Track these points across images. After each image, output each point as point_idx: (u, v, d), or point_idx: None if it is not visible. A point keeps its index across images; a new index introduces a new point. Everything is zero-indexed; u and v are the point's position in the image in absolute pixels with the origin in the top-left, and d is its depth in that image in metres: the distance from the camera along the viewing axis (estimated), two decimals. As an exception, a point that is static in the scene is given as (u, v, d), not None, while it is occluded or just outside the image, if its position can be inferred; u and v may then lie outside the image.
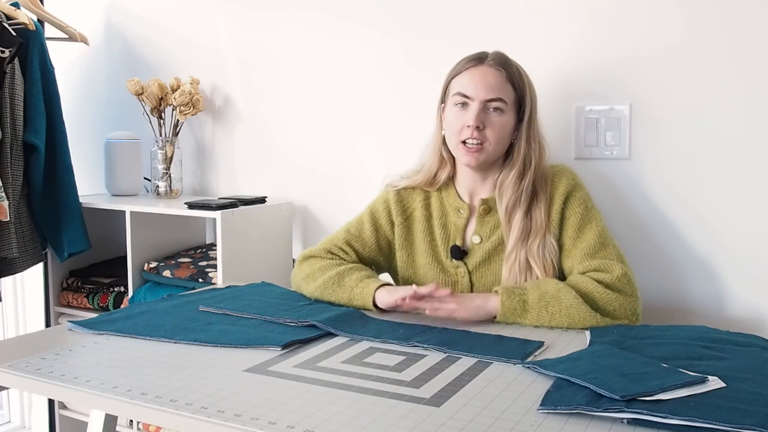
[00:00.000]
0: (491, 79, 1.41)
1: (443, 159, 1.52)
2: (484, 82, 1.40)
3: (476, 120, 1.40)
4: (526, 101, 1.44)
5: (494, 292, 1.33)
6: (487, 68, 1.42)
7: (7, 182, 1.91)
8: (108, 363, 1.08)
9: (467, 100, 1.42)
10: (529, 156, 1.44)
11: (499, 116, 1.41)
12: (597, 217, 1.44)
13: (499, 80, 1.41)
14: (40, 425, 2.47)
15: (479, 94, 1.40)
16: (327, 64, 2.02)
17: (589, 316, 1.27)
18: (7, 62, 1.90)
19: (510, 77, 1.42)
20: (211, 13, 2.21)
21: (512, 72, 1.43)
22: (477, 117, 1.40)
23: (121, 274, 2.11)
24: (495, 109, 1.41)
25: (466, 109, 1.42)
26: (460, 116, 1.43)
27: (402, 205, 1.55)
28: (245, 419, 0.86)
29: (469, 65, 1.44)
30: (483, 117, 1.40)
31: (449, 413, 0.89)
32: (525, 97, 1.44)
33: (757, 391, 0.91)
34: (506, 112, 1.42)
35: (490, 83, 1.40)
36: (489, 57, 1.44)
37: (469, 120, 1.40)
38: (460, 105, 1.43)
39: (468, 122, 1.40)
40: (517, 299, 1.30)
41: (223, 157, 2.25)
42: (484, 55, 1.44)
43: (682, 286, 1.62)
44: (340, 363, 1.09)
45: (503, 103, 1.41)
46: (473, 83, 1.41)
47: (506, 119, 1.42)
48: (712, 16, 1.53)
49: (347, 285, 1.40)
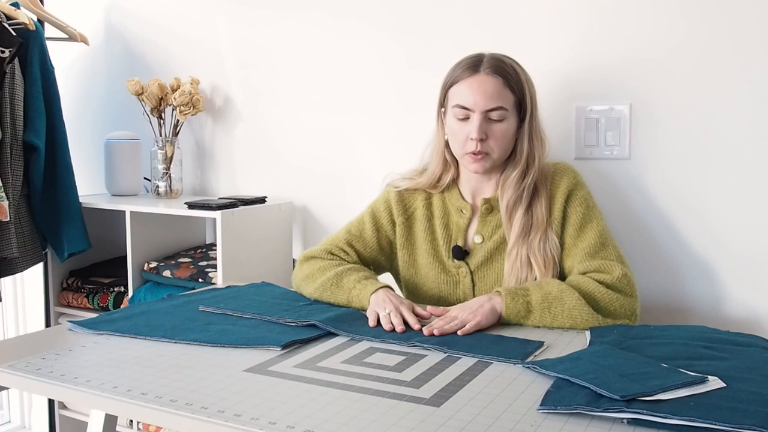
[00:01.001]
0: (489, 88, 1.39)
1: (447, 162, 1.51)
2: (482, 93, 1.39)
3: (479, 132, 1.39)
4: (526, 101, 1.43)
5: (496, 293, 1.33)
6: (484, 77, 1.40)
7: (7, 182, 1.91)
8: (108, 363, 1.08)
9: (467, 112, 1.40)
10: (532, 154, 1.44)
11: (500, 124, 1.40)
12: (598, 216, 1.44)
13: (497, 88, 1.39)
14: (40, 425, 2.47)
15: (479, 106, 1.39)
16: (327, 63, 2.02)
17: (591, 317, 1.27)
18: (7, 62, 1.90)
19: (508, 83, 1.40)
20: (211, 13, 2.21)
21: (509, 76, 1.41)
22: (479, 129, 1.39)
23: (121, 274, 2.11)
24: (497, 116, 1.40)
25: (467, 122, 1.41)
26: (462, 128, 1.42)
27: (403, 204, 1.55)
28: (245, 419, 0.86)
29: (465, 74, 1.41)
30: (485, 127, 1.40)
31: (449, 413, 0.89)
32: (525, 98, 1.42)
33: (757, 391, 0.90)
34: (507, 118, 1.41)
35: (489, 93, 1.39)
36: (484, 64, 1.41)
37: (472, 133, 1.39)
38: (461, 117, 1.42)
39: (471, 135, 1.40)
40: (521, 301, 1.29)
41: (223, 157, 2.25)
42: (479, 61, 1.42)
43: (682, 286, 1.62)
44: (340, 363, 1.09)
45: (504, 111, 1.40)
46: (472, 94, 1.39)
47: (508, 124, 1.41)
48: (714, 16, 1.53)
49: (346, 286, 1.40)
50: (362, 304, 1.37)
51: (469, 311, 1.28)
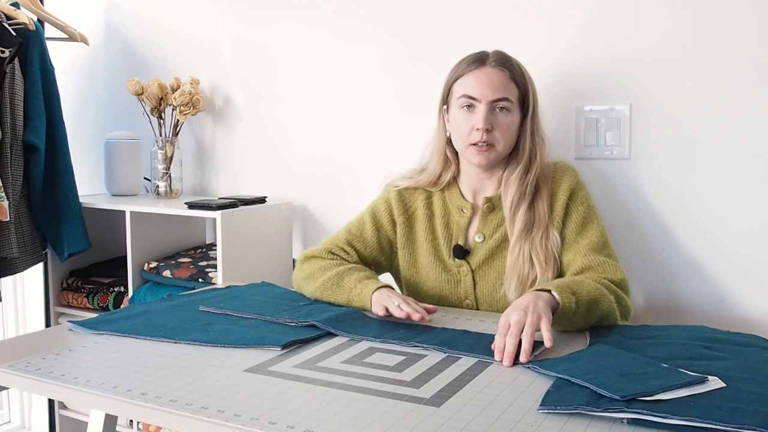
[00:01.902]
0: (496, 80, 1.41)
1: (447, 160, 1.52)
2: (489, 84, 1.41)
3: (485, 122, 1.40)
4: (529, 98, 1.45)
5: (541, 291, 1.20)
6: (491, 69, 1.43)
7: (7, 182, 1.91)
8: (108, 363, 1.08)
9: (474, 102, 1.42)
10: (534, 151, 1.45)
11: (506, 116, 1.42)
12: (598, 216, 1.45)
13: (503, 80, 1.42)
14: (40, 425, 2.47)
15: (486, 96, 1.41)
16: (327, 63, 2.02)
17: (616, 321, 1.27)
18: (7, 62, 1.91)
19: (513, 76, 1.43)
20: (211, 13, 2.21)
21: (515, 71, 1.44)
22: (486, 119, 1.40)
23: (121, 274, 2.11)
24: (502, 108, 1.41)
25: (473, 112, 1.42)
26: (467, 119, 1.43)
27: (404, 204, 1.55)
28: (245, 419, 0.86)
29: (471, 67, 1.44)
30: (491, 118, 1.41)
31: (449, 413, 0.89)
32: (528, 94, 1.45)
33: (757, 391, 0.90)
34: (512, 111, 1.43)
35: (495, 84, 1.41)
36: (491, 57, 1.44)
37: (478, 123, 1.40)
38: (466, 107, 1.43)
39: (477, 125, 1.41)
40: (569, 291, 1.20)
41: (223, 157, 2.25)
42: (485, 56, 1.45)
43: (681, 286, 1.62)
44: (340, 363, 1.09)
45: (509, 103, 1.42)
46: (478, 85, 1.42)
47: (512, 118, 1.43)
48: (715, 16, 1.53)
49: (346, 286, 1.40)
50: (363, 304, 1.37)
51: (536, 311, 1.12)
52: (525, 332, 1.09)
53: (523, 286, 1.40)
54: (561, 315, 1.18)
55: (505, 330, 1.11)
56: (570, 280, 1.29)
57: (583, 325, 1.23)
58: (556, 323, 1.16)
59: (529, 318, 1.11)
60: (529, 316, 1.11)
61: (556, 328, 1.18)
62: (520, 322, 1.10)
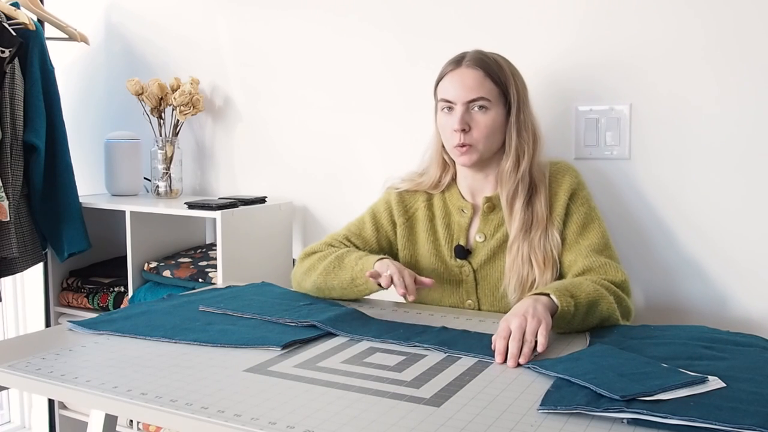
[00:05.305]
0: (469, 80, 1.41)
1: (445, 163, 1.53)
2: (462, 84, 1.41)
3: (460, 123, 1.41)
4: (511, 93, 1.43)
5: (540, 295, 1.20)
6: (465, 69, 1.43)
7: (7, 182, 1.91)
8: (108, 363, 1.08)
9: (451, 104, 1.43)
10: (521, 147, 1.44)
11: (483, 114, 1.41)
12: (599, 217, 1.45)
13: (477, 79, 1.41)
14: (40, 425, 2.47)
15: (459, 97, 1.41)
16: (327, 63, 2.02)
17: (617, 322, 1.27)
18: (7, 62, 1.91)
19: (488, 73, 1.42)
20: (211, 13, 2.21)
21: (490, 68, 1.42)
22: (461, 120, 1.41)
23: (121, 274, 2.11)
24: (479, 107, 1.41)
25: (451, 114, 1.43)
26: (447, 122, 1.44)
27: (404, 205, 1.55)
28: (245, 419, 0.86)
29: (448, 69, 1.45)
30: (467, 118, 1.41)
31: (449, 413, 0.89)
32: (509, 89, 1.43)
33: (757, 391, 0.90)
34: (491, 109, 1.42)
35: (468, 84, 1.41)
36: (466, 58, 1.44)
37: (454, 124, 1.41)
38: (446, 110, 1.45)
39: (453, 126, 1.42)
40: (567, 294, 1.20)
41: (223, 157, 2.25)
42: (462, 57, 1.45)
43: (681, 286, 1.62)
44: (340, 363, 1.08)
45: (486, 101, 1.41)
46: (453, 87, 1.43)
47: (492, 115, 1.42)
48: (715, 16, 1.53)
49: (348, 265, 1.41)
50: (366, 279, 1.37)
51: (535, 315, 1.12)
52: (525, 339, 1.09)
53: (522, 286, 1.40)
54: (560, 318, 1.18)
55: (505, 334, 1.11)
56: (569, 282, 1.28)
57: (582, 327, 1.23)
58: (555, 326, 1.17)
59: (529, 323, 1.11)
60: (529, 321, 1.11)
61: (555, 331, 1.19)
62: (521, 328, 1.10)
